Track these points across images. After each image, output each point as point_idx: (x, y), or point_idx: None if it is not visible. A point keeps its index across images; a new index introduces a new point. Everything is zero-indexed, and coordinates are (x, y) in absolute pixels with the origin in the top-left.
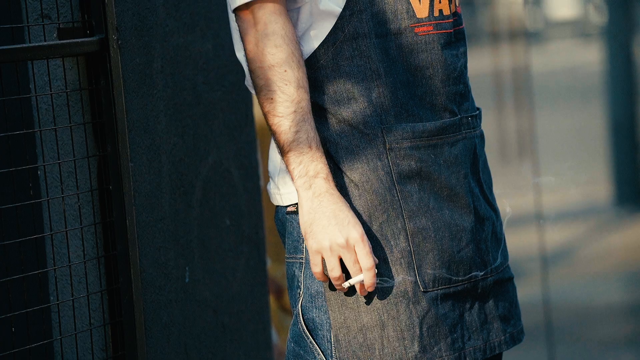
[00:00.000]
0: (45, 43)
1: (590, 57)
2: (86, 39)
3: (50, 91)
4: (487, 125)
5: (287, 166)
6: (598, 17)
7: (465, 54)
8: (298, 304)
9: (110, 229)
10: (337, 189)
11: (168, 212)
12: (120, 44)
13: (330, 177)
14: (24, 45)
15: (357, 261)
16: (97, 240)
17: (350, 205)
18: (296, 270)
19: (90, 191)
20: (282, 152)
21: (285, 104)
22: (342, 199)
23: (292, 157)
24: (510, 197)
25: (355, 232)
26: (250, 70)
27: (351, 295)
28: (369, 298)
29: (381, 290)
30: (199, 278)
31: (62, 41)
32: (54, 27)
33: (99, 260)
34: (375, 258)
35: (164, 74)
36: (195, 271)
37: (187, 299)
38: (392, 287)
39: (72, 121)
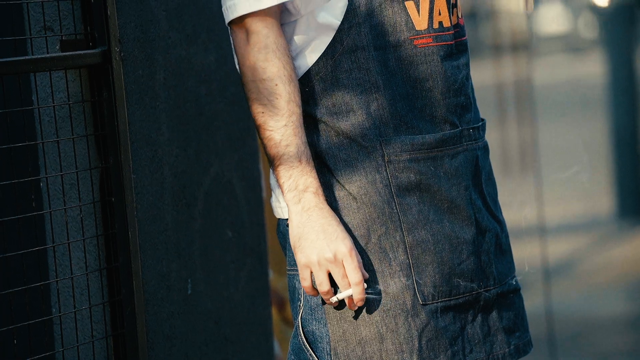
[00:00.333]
0: (47, 55)
1: (592, 69)
2: (89, 51)
3: (53, 103)
4: (490, 137)
5: (277, 180)
6: (591, 32)
7: (467, 65)
8: (298, 317)
9: (112, 241)
10: (336, 202)
11: (170, 223)
12: (123, 56)
13: (320, 192)
14: (27, 57)
15: (345, 275)
16: (100, 252)
17: (348, 218)
18: (297, 283)
19: (93, 203)
20: (273, 165)
21: (275, 117)
22: (332, 213)
23: (282, 170)
24: (512, 208)
25: (343, 247)
26: (243, 84)
27: (348, 309)
28: (367, 311)
29: (379, 303)
30: (201, 290)
31: (64, 53)
32: (57, 39)
33: (101, 272)
34: (365, 272)
35: (166, 85)
36: (197, 283)
37: (189, 310)
38: (389, 300)
39: (74, 133)
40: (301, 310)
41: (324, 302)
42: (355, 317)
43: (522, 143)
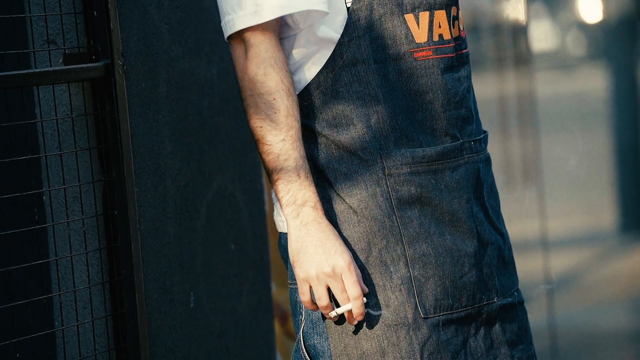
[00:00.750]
0: (51, 69)
1: (595, 82)
2: (92, 65)
3: (56, 116)
4: (493, 151)
5: (276, 194)
6: (593, 46)
7: (468, 78)
8: (300, 331)
9: (115, 254)
10: (336, 216)
11: (173, 237)
12: (126, 69)
13: (318, 206)
14: (30, 70)
15: (344, 290)
16: (102, 266)
17: (349, 232)
18: (298, 297)
19: (96, 216)
20: (271, 180)
21: (274, 132)
22: (330, 228)
23: (281, 185)
24: (515, 223)
25: (342, 261)
26: (242, 98)
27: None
28: (369, 325)
29: (381, 317)
30: (204, 303)
31: (67, 67)
32: (60, 53)
33: (104, 285)
34: (364, 287)
35: (169, 99)
36: (200, 296)
37: (192, 323)
38: (390, 314)
39: (77, 146)
40: (303, 324)
41: (324, 317)
42: (357, 331)
43: (525, 156)
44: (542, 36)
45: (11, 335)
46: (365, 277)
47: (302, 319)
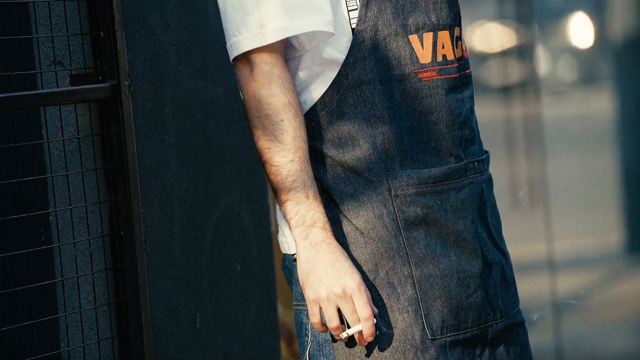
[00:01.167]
0: (57, 89)
1: (601, 104)
2: (98, 85)
3: (63, 137)
4: (499, 173)
5: (284, 215)
6: (600, 68)
7: (471, 98)
8: (306, 352)
9: (121, 275)
10: (343, 237)
11: (179, 257)
12: (132, 90)
13: (327, 227)
14: (37, 91)
15: (355, 311)
16: (108, 286)
17: (356, 253)
18: (304, 318)
19: (102, 237)
20: (280, 201)
21: (282, 153)
22: (340, 248)
23: (289, 206)
24: (522, 244)
25: (352, 282)
26: (248, 120)
27: (356, 345)
28: (376, 347)
29: (388, 339)
30: (210, 323)
31: (74, 87)
32: (67, 74)
33: (110, 306)
34: (375, 308)
35: (175, 119)
36: (206, 317)
37: (198, 344)
38: (398, 335)
39: (83, 167)
40: (309, 345)
41: (334, 339)
42: (364, 353)
43: (531, 177)
44: (548, 59)
45: (17, 356)
46: (373, 299)
47: (308, 340)
